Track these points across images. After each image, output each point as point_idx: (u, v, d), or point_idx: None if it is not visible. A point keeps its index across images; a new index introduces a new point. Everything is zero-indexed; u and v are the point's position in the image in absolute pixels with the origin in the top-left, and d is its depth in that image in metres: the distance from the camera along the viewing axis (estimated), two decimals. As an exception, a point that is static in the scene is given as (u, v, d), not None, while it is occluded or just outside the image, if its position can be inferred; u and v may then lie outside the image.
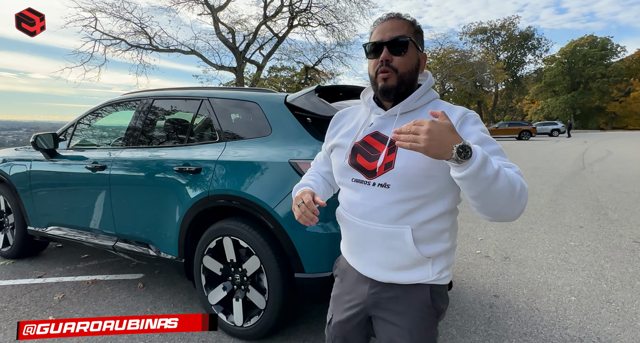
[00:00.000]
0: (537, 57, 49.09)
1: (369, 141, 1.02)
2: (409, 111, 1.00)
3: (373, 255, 1.00)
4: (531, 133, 24.71)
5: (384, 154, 0.96)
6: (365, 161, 1.00)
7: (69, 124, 3.02)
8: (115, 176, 2.51)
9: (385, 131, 1.01)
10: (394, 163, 0.94)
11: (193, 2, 17.82)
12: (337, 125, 1.16)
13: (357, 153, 1.02)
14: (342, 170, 1.05)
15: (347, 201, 1.04)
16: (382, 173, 0.95)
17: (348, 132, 1.09)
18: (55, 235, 2.91)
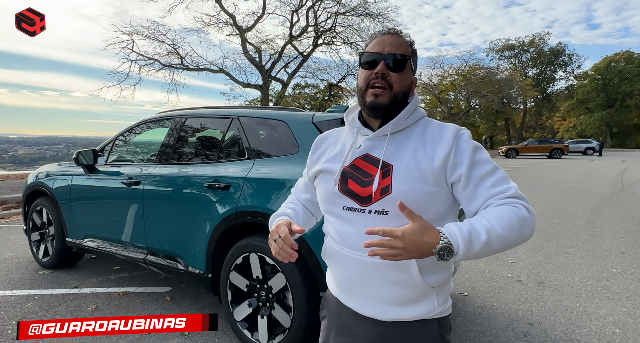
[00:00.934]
0: (569, 74, 47.60)
1: (359, 164, 0.95)
2: (398, 131, 0.95)
3: (375, 292, 0.91)
4: (563, 151, 23.72)
5: (378, 178, 0.89)
6: (358, 187, 0.91)
7: (108, 141, 3.20)
8: (148, 191, 2.61)
9: (375, 152, 0.94)
10: (391, 187, 0.87)
11: (222, 23, 18.66)
12: (319, 149, 1.07)
13: (348, 178, 0.94)
14: (331, 198, 0.96)
15: (340, 233, 0.94)
16: (378, 199, 0.88)
17: (334, 156, 1.00)
18: (90, 247, 3.04)
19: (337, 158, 0.99)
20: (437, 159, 0.88)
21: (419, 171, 0.88)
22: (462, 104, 34.58)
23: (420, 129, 0.95)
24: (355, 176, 0.93)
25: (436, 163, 0.88)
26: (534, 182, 10.44)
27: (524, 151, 24.74)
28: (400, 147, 0.93)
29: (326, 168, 0.99)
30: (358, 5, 19.11)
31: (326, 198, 0.97)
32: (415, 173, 0.87)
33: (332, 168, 0.98)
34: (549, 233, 4.77)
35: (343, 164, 0.96)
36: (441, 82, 33.46)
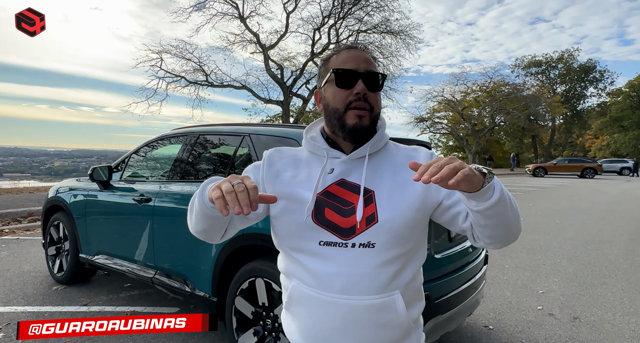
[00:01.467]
0: (601, 91, 45.92)
1: (335, 191, 0.83)
2: (372, 153, 0.88)
3: (360, 339, 0.80)
4: (596, 171, 22.53)
5: (362, 206, 0.79)
6: (338, 217, 0.80)
7: (123, 157, 3.22)
8: (158, 209, 2.57)
9: (352, 177, 0.84)
10: (377, 215, 0.79)
11: (247, 42, 19.22)
12: (275, 166, 0.89)
13: (324, 207, 0.82)
14: (303, 231, 0.81)
15: (316, 274, 0.80)
16: (363, 230, 0.78)
17: (300, 181, 0.85)
18: (102, 264, 3.02)
19: (305, 184, 0.84)
20: (418, 184, 0.82)
21: (403, 196, 0.82)
22: (486, 120, 33.82)
23: (391, 152, 0.90)
24: (333, 204, 0.82)
25: (418, 187, 0.83)
26: (565, 203, 9.88)
27: (553, 170, 23.70)
28: (377, 171, 0.86)
29: (291, 194, 0.83)
30: (380, 23, 19.28)
31: (295, 232, 0.82)
32: (399, 198, 0.82)
33: (301, 195, 0.83)
34: (582, 261, 4.42)
35: (316, 190, 0.83)
36: (464, 99, 32.95)
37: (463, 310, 2.06)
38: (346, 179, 0.85)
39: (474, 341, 2.53)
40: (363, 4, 18.56)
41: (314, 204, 0.81)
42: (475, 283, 2.17)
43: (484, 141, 34.60)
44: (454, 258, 2.09)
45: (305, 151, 0.92)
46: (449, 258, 2.05)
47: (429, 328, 1.82)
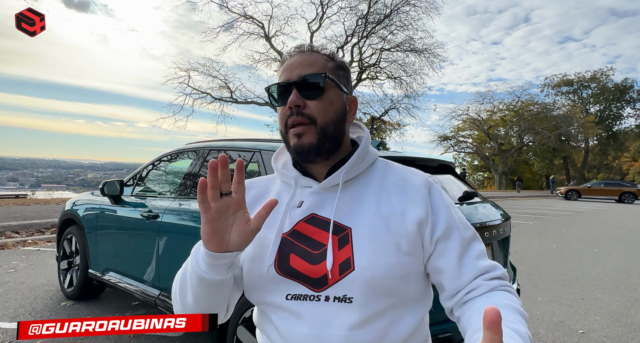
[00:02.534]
0: (639, 111, 43.79)
1: (303, 230, 0.68)
2: (351, 178, 0.72)
3: None
4: (636, 196, 21.09)
5: (332, 249, 0.64)
6: (306, 264, 0.65)
7: (136, 172, 3.18)
8: (165, 226, 2.47)
9: (325, 211, 0.69)
10: (353, 261, 0.63)
11: (271, 60, 19.67)
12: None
13: (289, 252, 0.67)
14: (267, 283, 0.67)
15: (284, 334, 0.66)
16: (337, 280, 0.63)
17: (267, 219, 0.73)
18: (108, 280, 2.93)
19: (270, 222, 0.68)
20: (411, 220, 0.67)
21: (389, 233, 0.65)
22: (513, 140, 32.78)
23: (379, 174, 0.74)
24: (300, 248, 0.67)
25: (410, 224, 0.67)
26: (603, 230, 9.18)
27: (587, 193, 22.41)
28: (357, 201, 0.70)
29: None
30: (403, 42, 19.33)
31: (258, 285, 0.68)
32: (383, 237, 0.65)
33: (263, 237, 0.68)
34: (628, 297, 3.96)
35: (280, 230, 0.68)
36: (490, 118, 32.20)
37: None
38: (317, 214, 0.69)
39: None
40: (387, 23, 18.72)
41: (277, 249, 0.66)
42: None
43: (512, 161, 33.43)
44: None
45: (278, 181, 0.79)
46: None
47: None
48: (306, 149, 0.69)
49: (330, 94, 0.71)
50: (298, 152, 0.70)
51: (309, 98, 0.69)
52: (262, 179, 0.82)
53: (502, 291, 0.65)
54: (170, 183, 3.01)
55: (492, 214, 2.26)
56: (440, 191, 0.72)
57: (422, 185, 0.71)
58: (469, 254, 0.68)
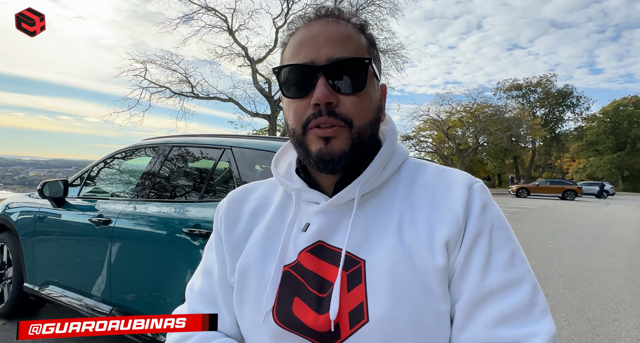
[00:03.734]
0: (577, 115, 47.85)
1: (308, 264, 0.51)
2: (373, 190, 0.54)
3: None
4: (577, 193, 22.99)
5: (340, 291, 0.47)
6: (311, 313, 0.49)
7: (83, 171, 2.79)
8: (118, 232, 2.15)
9: (335, 238, 0.52)
10: (367, 308, 0.46)
11: (235, 55, 19.04)
12: (237, 224, 0.60)
13: (294, 294, 0.50)
14: (262, 335, 0.51)
15: None
16: (348, 335, 0.46)
17: (264, 241, 0.56)
18: (48, 295, 2.53)
19: (270, 248, 0.54)
20: (439, 245, 0.48)
21: (414, 270, 0.47)
22: (470, 140, 34.45)
23: (405, 182, 0.55)
24: (306, 289, 0.50)
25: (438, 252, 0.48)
26: (553, 226, 9.78)
27: (535, 191, 24.07)
28: (374, 223, 0.51)
29: (247, 265, 0.54)
30: (369, 42, 19.49)
31: (251, 335, 0.53)
32: (407, 275, 0.47)
33: (260, 268, 0.53)
34: (587, 292, 4.15)
35: (280, 262, 0.51)
36: (449, 119, 33.59)
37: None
38: (325, 243, 0.51)
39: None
40: (353, 22, 18.78)
41: (276, 288, 0.50)
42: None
43: (468, 161, 35.09)
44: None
45: (280, 189, 0.60)
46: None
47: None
48: (336, 158, 0.50)
49: (370, 86, 0.52)
50: (323, 161, 0.50)
51: (344, 92, 0.50)
52: (263, 185, 0.63)
53: None
54: (125, 183, 2.66)
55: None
56: (485, 199, 0.52)
57: (463, 197, 0.51)
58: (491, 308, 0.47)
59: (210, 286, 0.60)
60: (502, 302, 0.47)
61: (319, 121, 0.50)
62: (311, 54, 0.50)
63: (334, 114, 0.49)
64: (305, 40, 0.51)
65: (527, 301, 0.47)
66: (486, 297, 0.47)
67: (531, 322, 0.46)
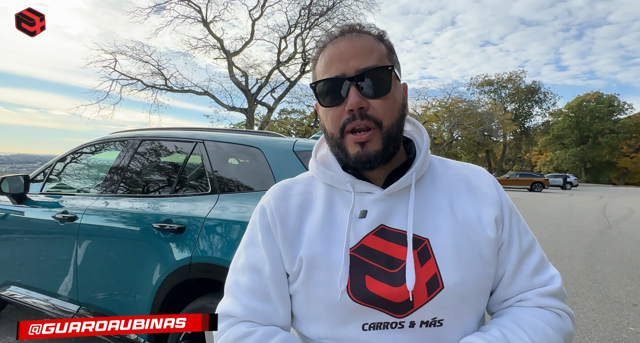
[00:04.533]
0: (545, 110, 49.94)
1: (374, 244, 0.58)
2: (417, 180, 0.64)
3: None
4: (544, 185, 24.12)
5: (414, 265, 0.55)
6: (386, 286, 0.56)
7: (46, 165, 2.66)
8: (85, 229, 2.08)
9: (395, 221, 0.60)
10: (441, 277, 0.56)
11: (210, 47, 18.58)
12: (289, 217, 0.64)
13: (364, 273, 0.57)
14: (338, 313, 0.57)
15: None
16: (425, 302, 0.55)
17: (321, 231, 0.60)
18: (9, 297, 2.42)
19: (329, 236, 0.59)
20: (488, 222, 0.61)
21: (471, 243, 0.59)
22: (445, 135, 35.32)
23: (440, 175, 0.66)
24: (374, 267, 0.57)
25: (489, 228, 0.60)
26: (521, 217, 10.23)
27: (506, 183, 25.01)
28: (427, 207, 0.61)
29: (313, 255, 0.59)
30: (346, 36, 19.49)
31: (326, 314, 0.57)
32: (468, 248, 0.58)
33: (326, 254, 0.58)
34: (549, 278, 4.39)
35: (347, 247, 0.57)
36: (425, 113, 34.25)
37: None
38: (387, 226, 0.59)
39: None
40: (330, 15, 18.69)
41: (348, 270, 0.56)
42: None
43: (443, 155, 36.00)
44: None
45: (319, 183, 0.67)
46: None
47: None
48: (373, 159, 0.58)
49: (394, 88, 0.60)
50: (361, 162, 0.59)
51: (373, 97, 0.58)
52: (298, 181, 0.70)
53: (550, 312, 0.61)
54: (93, 179, 2.57)
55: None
56: (504, 191, 0.67)
57: (492, 184, 0.66)
58: (527, 264, 0.63)
59: (260, 282, 0.62)
60: (531, 260, 0.63)
61: (354, 125, 0.58)
62: (341, 68, 0.58)
63: (366, 117, 0.58)
64: (334, 56, 0.59)
65: (541, 255, 0.65)
66: (523, 258, 0.63)
67: (547, 269, 0.65)
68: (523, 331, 0.57)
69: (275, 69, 19.88)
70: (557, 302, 0.62)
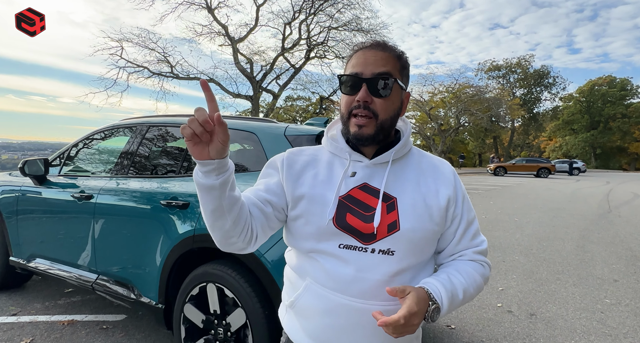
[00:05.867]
0: (554, 95, 48.91)
1: (357, 195, 0.82)
2: (396, 159, 0.87)
3: (367, 342, 0.81)
4: (550, 171, 23.98)
5: (382, 212, 0.79)
6: (360, 222, 0.79)
7: (63, 150, 2.90)
8: (100, 207, 2.32)
9: (375, 182, 0.83)
10: (399, 223, 0.79)
11: (215, 34, 18.58)
12: (295, 165, 0.87)
13: (346, 211, 0.80)
14: (324, 234, 0.80)
15: (333, 275, 0.80)
16: (384, 236, 0.78)
17: (322, 182, 0.83)
18: (35, 268, 2.70)
19: (326, 185, 0.83)
20: (442, 198, 0.85)
21: (426, 206, 0.82)
22: (451, 121, 34.99)
23: (415, 159, 0.90)
24: (354, 209, 0.81)
25: (442, 201, 0.84)
26: (522, 202, 10.35)
27: (512, 169, 24.93)
28: (400, 177, 0.85)
29: (313, 195, 0.82)
30: (350, 21, 19.29)
31: (315, 235, 0.81)
32: (422, 209, 0.82)
33: (322, 196, 0.82)
34: (539, 257, 4.58)
35: (337, 193, 0.81)
36: (432, 99, 33.89)
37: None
38: (369, 184, 0.83)
39: (436, 341, 2.50)
40: (334, 0, 18.48)
41: (335, 208, 0.79)
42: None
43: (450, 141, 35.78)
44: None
45: (326, 152, 0.90)
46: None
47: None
48: (364, 138, 0.81)
49: (394, 94, 0.82)
50: (357, 139, 0.82)
51: (376, 96, 0.80)
52: (310, 148, 0.93)
53: (478, 264, 0.88)
54: (105, 162, 2.80)
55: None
56: (460, 180, 0.91)
57: (451, 172, 0.89)
58: (469, 231, 0.88)
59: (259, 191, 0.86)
60: (472, 228, 0.88)
61: (358, 111, 0.80)
62: (361, 69, 0.80)
63: (367, 108, 0.80)
64: (360, 59, 0.82)
65: (477, 226, 0.90)
66: (467, 227, 0.88)
67: (480, 235, 0.91)
68: (461, 275, 0.83)
69: (280, 55, 19.85)
70: (483, 257, 0.89)
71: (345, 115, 0.83)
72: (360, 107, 0.79)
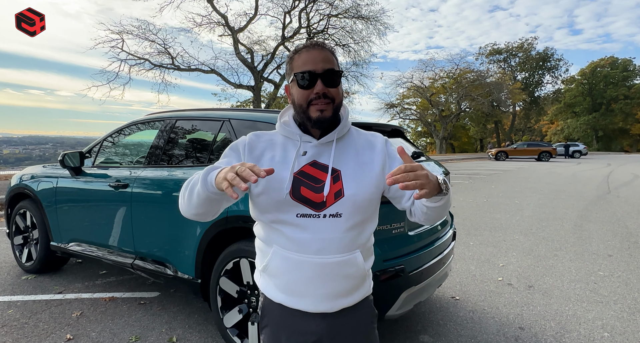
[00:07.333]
0: (556, 78, 48.55)
1: (308, 171, 0.97)
2: (339, 138, 1.02)
3: (328, 288, 0.97)
4: (551, 154, 24.11)
5: (330, 183, 0.95)
6: (312, 193, 0.94)
7: (95, 143, 3.13)
8: (136, 194, 2.55)
9: (322, 159, 0.99)
10: (343, 190, 0.95)
11: (214, 24, 18.55)
12: (256, 149, 1.00)
13: (300, 185, 0.95)
14: (282, 206, 0.94)
15: (293, 241, 0.95)
16: (332, 203, 0.94)
17: (278, 162, 0.98)
18: (76, 251, 2.96)
19: (282, 165, 0.97)
20: (377, 164, 1.00)
21: (364, 174, 0.99)
22: (452, 106, 34.92)
23: (354, 137, 1.06)
24: (306, 183, 0.96)
25: (377, 167, 1.00)
26: (523, 185, 10.57)
27: (513, 153, 25.06)
28: (343, 153, 1.01)
29: (273, 174, 0.92)
30: (350, 8, 19.19)
31: (275, 207, 0.95)
32: (361, 177, 0.98)
33: (279, 175, 0.95)
34: (538, 236, 4.83)
35: (292, 170, 0.96)
36: (432, 85, 33.75)
37: (433, 282, 2.24)
38: (318, 161, 0.99)
39: (442, 310, 2.76)
40: (333, -13, 18.35)
41: (291, 183, 0.94)
42: (444, 258, 2.36)
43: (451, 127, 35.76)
44: (425, 235, 2.26)
45: (280, 135, 1.05)
46: (420, 235, 2.21)
47: (403, 299, 1.99)
48: (326, 120, 0.97)
49: (340, 84, 1.01)
50: (320, 122, 0.96)
51: (330, 86, 0.97)
52: (265, 133, 1.06)
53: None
54: (136, 154, 3.02)
55: (436, 170, 2.68)
56: (391, 145, 1.07)
57: (382, 142, 1.05)
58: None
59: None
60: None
61: (318, 101, 0.95)
62: (313, 67, 0.95)
63: (325, 97, 0.96)
64: (309, 58, 0.97)
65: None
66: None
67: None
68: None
69: (280, 44, 19.82)
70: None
71: (304, 106, 0.96)
72: (320, 97, 0.94)
